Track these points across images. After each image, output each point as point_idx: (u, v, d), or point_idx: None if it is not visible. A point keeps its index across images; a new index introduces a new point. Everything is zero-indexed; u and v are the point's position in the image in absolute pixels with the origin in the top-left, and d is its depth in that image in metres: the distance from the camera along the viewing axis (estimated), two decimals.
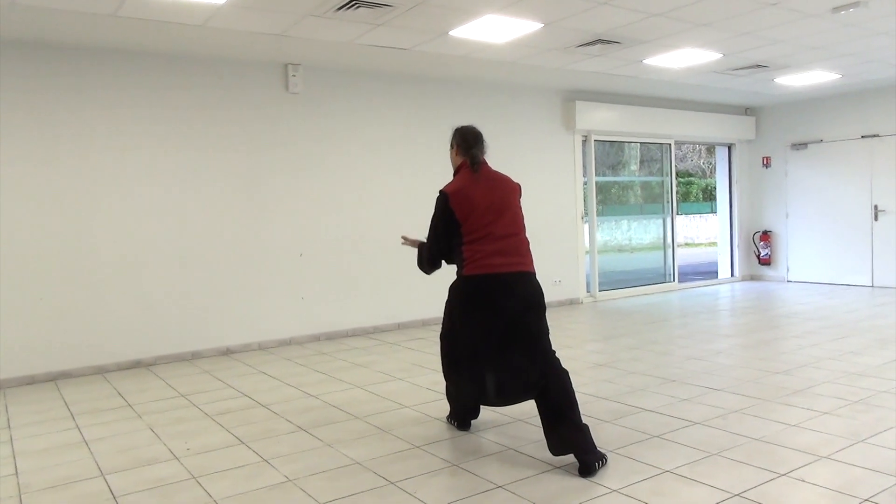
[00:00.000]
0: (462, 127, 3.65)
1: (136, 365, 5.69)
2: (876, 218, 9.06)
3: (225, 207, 6.12)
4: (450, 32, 5.49)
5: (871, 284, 9.13)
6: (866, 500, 2.64)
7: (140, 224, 5.72)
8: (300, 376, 5.13)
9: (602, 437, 3.42)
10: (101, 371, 5.53)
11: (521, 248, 3.32)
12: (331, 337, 6.67)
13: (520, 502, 2.75)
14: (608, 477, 2.96)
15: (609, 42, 5.98)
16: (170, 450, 3.55)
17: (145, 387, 4.99)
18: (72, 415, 4.31)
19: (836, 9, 5.23)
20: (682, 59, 6.73)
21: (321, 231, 6.63)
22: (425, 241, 3.64)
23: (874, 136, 9.03)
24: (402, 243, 3.99)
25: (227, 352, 6.11)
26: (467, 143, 3.53)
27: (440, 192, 3.41)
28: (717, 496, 2.72)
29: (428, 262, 3.61)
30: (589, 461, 3.00)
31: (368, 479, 3.05)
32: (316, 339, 6.58)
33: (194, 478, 3.15)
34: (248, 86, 6.22)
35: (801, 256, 9.95)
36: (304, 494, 2.91)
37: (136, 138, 5.70)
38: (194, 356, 5.95)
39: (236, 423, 4.00)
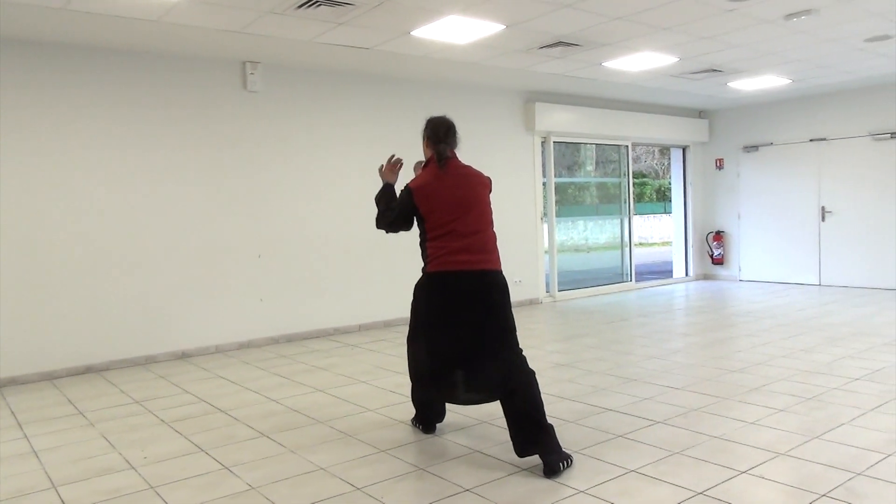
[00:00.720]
0: (433, 118, 3.57)
1: (88, 370, 5.50)
2: (823, 219, 9.37)
3: (181, 207, 5.96)
4: (412, 32, 5.46)
5: (818, 283, 9.44)
6: (823, 495, 2.71)
7: (91, 224, 5.53)
8: (260, 380, 5.03)
9: (567, 438, 3.44)
10: (49, 377, 5.32)
11: (486, 245, 3.29)
12: (291, 339, 6.56)
13: None
14: (574, 478, 2.97)
15: (570, 44, 6.04)
16: (125, 459, 3.44)
17: (97, 393, 4.82)
18: (19, 423, 4.14)
19: (789, 16, 5.38)
20: (640, 62, 6.84)
21: (281, 232, 6.52)
22: (387, 191, 3.67)
23: (822, 139, 9.34)
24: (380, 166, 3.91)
25: (184, 356, 5.96)
26: (437, 136, 3.46)
27: (405, 186, 3.39)
28: (680, 495, 2.76)
29: (384, 221, 3.64)
30: (553, 462, 3.01)
31: (334, 485, 3.00)
32: (275, 341, 6.47)
33: (152, 488, 3.05)
34: (205, 83, 6.07)
35: (752, 256, 10.23)
36: (268, 502, 2.84)
37: (87, 136, 5.51)
38: (149, 361, 5.78)
39: (195, 429, 3.89)
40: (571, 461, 3.09)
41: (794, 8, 5.19)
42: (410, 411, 4.06)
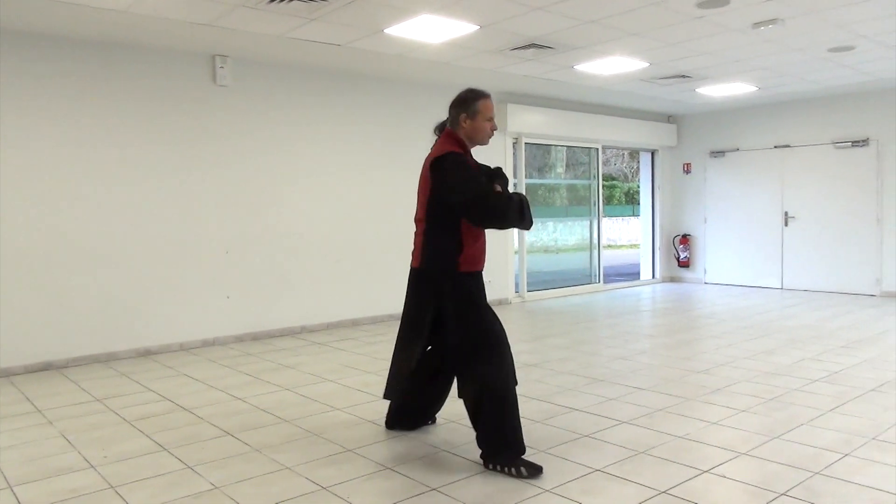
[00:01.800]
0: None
1: (47, 367, 5.36)
2: (786, 224, 9.58)
3: (146, 201, 5.85)
4: (385, 30, 5.44)
5: (780, 287, 9.65)
6: (782, 494, 2.77)
7: (52, 217, 5.40)
8: (225, 378, 4.97)
9: (533, 438, 3.46)
10: (6, 374, 5.18)
11: (417, 240, 3.29)
12: (257, 337, 6.49)
13: None
14: (541, 477, 2.99)
15: (543, 47, 6.07)
16: (84, 458, 3.36)
17: (56, 391, 4.71)
18: None
19: (756, 24, 5.48)
20: (611, 66, 6.91)
21: (249, 228, 6.44)
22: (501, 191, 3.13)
23: (786, 146, 9.55)
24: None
25: (147, 353, 5.85)
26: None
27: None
28: (644, 493, 2.80)
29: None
30: (484, 462, 3.11)
31: (299, 485, 2.97)
32: (241, 339, 6.39)
33: (112, 487, 2.98)
34: (174, 76, 5.97)
35: (717, 259, 10.41)
36: (233, 502, 2.80)
37: (48, 128, 5.37)
38: (110, 358, 5.67)
39: (157, 428, 3.82)
40: (510, 470, 3.00)
41: (761, 17, 5.30)
42: (378, 410, 4.05)
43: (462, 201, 3.05)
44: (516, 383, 3.18)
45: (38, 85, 5.31)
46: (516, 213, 3.06)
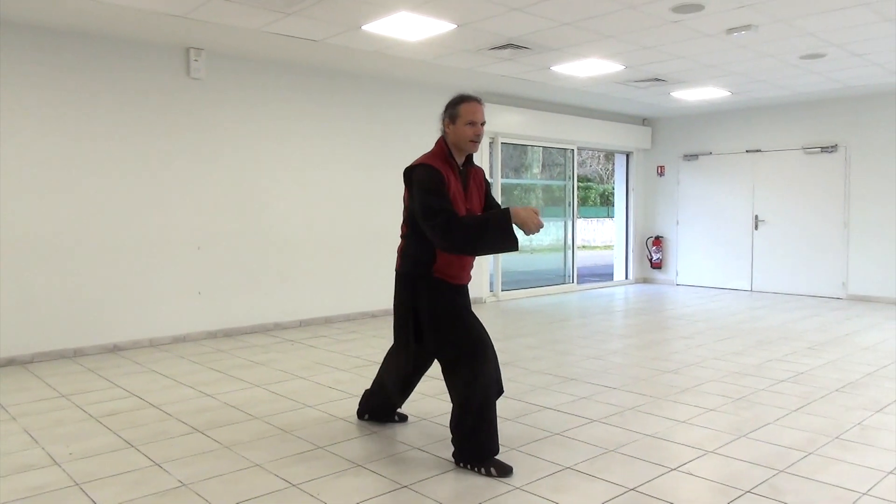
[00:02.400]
0: None
1: (11, 363, 5.25)
2: (756, 227, 9.74)
3: (115, 195, 5.75)
4: (363, 27, 5.42)
5: (750, 289, 9.81)
6: (748, 491, 2.81)
7: (18, 211, 5.28)
8: (195, 374, 4.91)
9: (505, 435, 3.47)
10: None
11: (400, 243, 3.30)
12: (229, 334, 6.42)
13: (424, 501, 2.74)
14: (511, 476, 3.00)
15: (520, 47, 6.10)
16: (49, 455, 3.30)
17: (21, 386, 4.61)
18: None
19: (730, 30, 5.57)
20: (587, 68, 6.96)
21: (221, 223, 6.37)
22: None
23: (757, 150, 9.71)
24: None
25: (115, 349, 5.76)
26: None
27: None
28: (613, 491, 2.83)
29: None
30: (456, 459, 3.13)
31: (269, 482, 2.94)
32: (213, 335, 6.32)
33: (77, 485, 2.93)
34: (145, 68, 5.88)
35: (688, 261, 10.55)
36: (200, 499, 2.77)
37: (16, 119, 5.25)
38: (77, 353, 5.57)
39: (125, 425, 3.77)
40: (481, 469, 3.01)
41: (735, 23, 5.37)
42: (350, 407, 4.04)
43: (417, 209, 3.03)
44: (500, 392, 3.19)
45: (4, 75, 5.19)
46: (469, 243, 2.92)
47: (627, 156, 11.02)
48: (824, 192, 9.06)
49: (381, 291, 7.52)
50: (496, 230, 2.89)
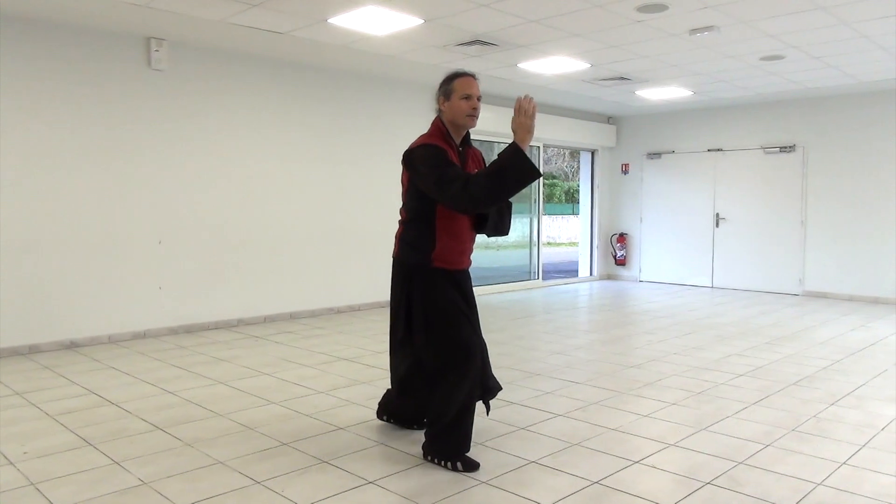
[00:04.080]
0: None
1: None
2: (717, 225, 9.94)
3: (73, 187, 5.60)
4: (329, 20, 5.36)
5: (711, 285, 10.00)
6: (708, 482, 2.87)
7: None
8: (156, 371, 4.81)
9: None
10: None
11: (397, 231, 3.24)
12: (191, 330, 6.31)
13: (389, 497, 2.74)
14: (477, 472, 3.01)
15: (487, 43, 6.10)
16: (2, 454, 3.20)
17: None
18: None
19: (693, 31, 5.66)
20: (554, 65, 7.01)
21: (184, 217, 6.25)
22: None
23: (718, 150, 9.90)
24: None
25: (72, 345, 5.61)
26: None
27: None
28: (578, 484, 2.86)
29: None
30: (424, 453, 3.14)
31: (232, 479, 2.90)
32: (174, 331, 6.20)
33: (32, 484, 2.85)
34: (105, 58, 5.73)
35: (651, 258, 10.71)
36: (161, 498, 2.72)
37: None
38: (32, 350, 5.41)
39: (82, 423, 3.67)
40: (450, 465, 3.02)
41: (697, 24, 5.46)
42: (315, 403, 4.00)
43: (431, 187, 2.94)
44: (491, 392, 3.21)
45: None
46: (494, 192, 2.83)
47: (592, 153, 11.13)
48: (782, 191, 9.29)
49: (347, 287, 7.47)
50: (514, 168, 2.82)
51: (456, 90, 3.06)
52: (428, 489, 2.81)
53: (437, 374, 3.08)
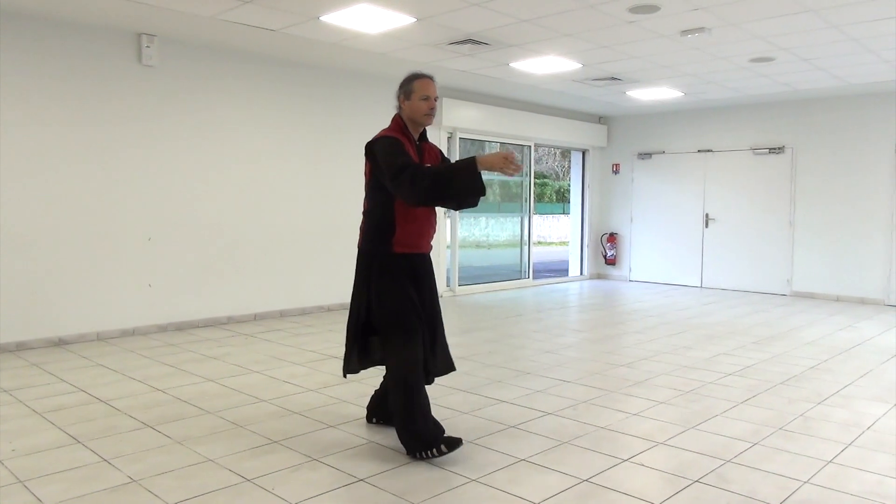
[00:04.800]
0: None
1: None
2: (707, 225, 10.00)
3: (63, 184, 5.57)
4: (321, 17, 5.35)
5: (700, 285, 10.06)
6: (696, 481, 2.90)
7: None
8: (145, 369, 4.79)
9: (461, 428, 3.50)
10: None
11: (361, 222, 3.35)
12: (180, 327, 6.29)
13: (380, 495, 2.74)
14: (467, 467, 3.02)
15: (479, 43, 6.11)
16: None
17: None
18: None
19: (684, 32, 5.69)
20: (545, 65, 7.03)
21: (173, 214, 6.23)
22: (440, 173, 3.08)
23: (708, 150, 9.95)
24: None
25: (60, 342, 5.58)
26: None
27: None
28: (567, 482, 2.87)
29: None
30: (407, 452, 3.16)
31: (222, 477, 2.90)
32: (163, 329, 6.18)
33: (21, 482, 2.84)
34: (95, 53, 5.69)
35: (641, 258, 10.76)
36: (151, 495, 2.71)
37: None
38: (20, 347, 5.38)
39: (71, 420, 3.66)
40: (420, 453, 3.08)
41: (688, 25, 5.50)
42: (305, 401, 4.00)
43: (386, 176, 3.09)
44: (430, 375, 3.28)
45: None
46: (438, 190, 3.00)
47: (583, 153, 11.16)
48: (771, 191, 9.36)
49: (336, 285, 7.46)
50: (461, 180, 3.02)
51: (416, 91, 3.21)
52: (419, 486, 2.82)
53: (384, 351, 3.21)
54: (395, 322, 3.15)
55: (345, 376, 3.42)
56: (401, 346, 3.13)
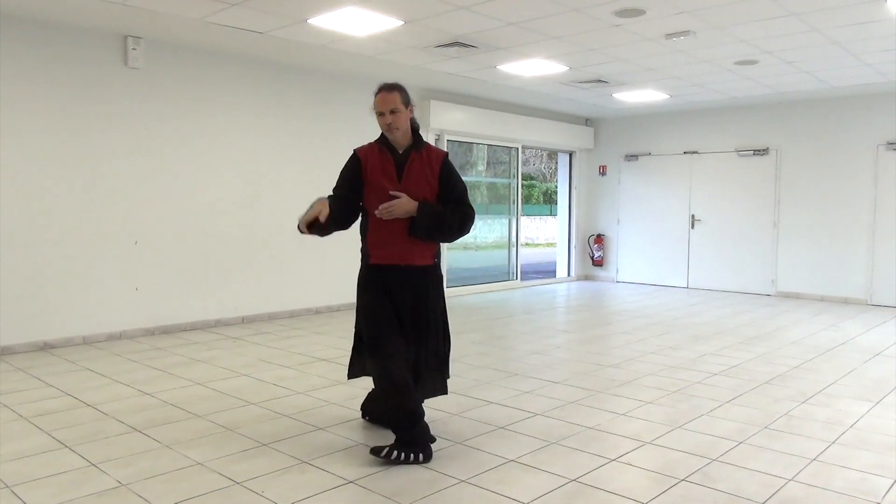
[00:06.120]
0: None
1: None
2: (693, 226, 10.08)
3: (48, 187, 5.53)
4: (309, 20, 5.36)
5: (686, 286, 10.14)
6: (683, 479, 2.93)
7: None
8: (132, 373, 4.77)
9: (450, 430, 3.52)
10: None
11: None
12: (168, 331, 6.26)
13: (369, 496, 2.75)
14: (456, 468, 3.04)
15: (466, 45, 6.14)
16: None
17: None
18: None
19: (669, 35, 5.74)
20: (532, 68, 7.07)
21: (160, 218, 6.20)
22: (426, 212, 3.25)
23: (694, 152, 10.04)
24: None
25: (46, 347, 5.54)
26: None
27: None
28: (556, 482, 2.90)
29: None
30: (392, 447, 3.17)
31: (212, 480, 2.90)
32: (150, 332, 6.15)
33: (7, 487, 2.82)
34: (80, 56, 5.66)
35: (628, 259, 10.83)
36: (140, 499, 2.70)
37: None
38: (5, 352, 5.33)
39: (58, 425, 3.64)
40: (400, 455, 3.08)
41: (673, 28, 5.55)
42: (294, 404, 4.00)
43: None
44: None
45: None
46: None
47: (570, 155, 11.22)
48: (756, 193, 9.45)
49: (324, 288, 7.46)
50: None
51: (375, 106, 3.32)
52: (408, 488, 2.83)
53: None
54: (362, 332, 3.27)
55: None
56: (370, 357, 3.20)
